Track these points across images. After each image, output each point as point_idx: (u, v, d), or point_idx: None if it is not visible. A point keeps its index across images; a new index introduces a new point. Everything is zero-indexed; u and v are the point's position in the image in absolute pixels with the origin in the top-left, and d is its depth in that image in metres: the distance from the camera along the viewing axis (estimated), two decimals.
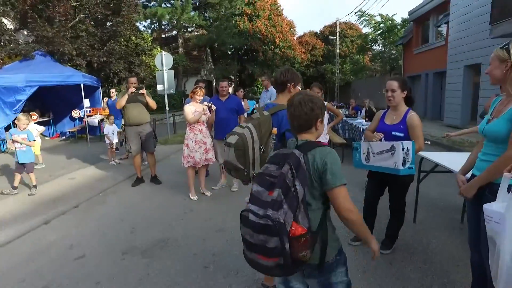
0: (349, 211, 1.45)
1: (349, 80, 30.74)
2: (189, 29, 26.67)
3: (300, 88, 2.50)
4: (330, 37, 30.87)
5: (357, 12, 22.04)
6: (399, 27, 20.56)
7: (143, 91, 5.53)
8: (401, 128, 2.70)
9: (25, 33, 11.65)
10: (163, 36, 26.58)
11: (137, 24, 20.28)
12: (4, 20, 10.84)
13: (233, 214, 4.23)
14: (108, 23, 13.18)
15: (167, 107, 11.56)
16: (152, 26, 25.82)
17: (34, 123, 7.86)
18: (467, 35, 11.74)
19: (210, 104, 4.91)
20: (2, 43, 10.39)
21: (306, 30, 48.42)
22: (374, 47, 24.46)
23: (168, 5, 23.34)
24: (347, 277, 1.61)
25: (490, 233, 1.56)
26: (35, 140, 5.77)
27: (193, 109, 4.85)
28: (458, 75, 12.58)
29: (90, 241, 3.60)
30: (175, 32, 25.51)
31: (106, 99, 8.63)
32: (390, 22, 20.66)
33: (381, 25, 20.88)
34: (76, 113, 11.38)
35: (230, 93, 5.52)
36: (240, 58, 29.33)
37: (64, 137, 11.83)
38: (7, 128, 8.46)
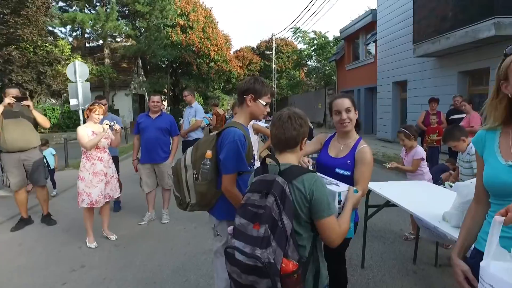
0: (337, 241, 1.37)
1: (286, 94, 31.23)
2: (118, 39, 24.70)
3: (265, 103, 1.96)
4: (266, 52, 31.19)
5: (291, 28, 22.37)
6: (331, 44, 21.28)
7: (28, 102, 4.22)
8: (347, 164, 1.96)
9: None
10: (87, 45, 24.24)
11: (55, 30, 18.14)
12: None
13: (138, 269, 3.20)
14: (11, 25, 11.15)
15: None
16: (75, 34, 23.42)
17: None
18: (393, 53, 12.20)
19: (112, 123, 3.89)
20: None
21: (243, 45, 48.80)
22: (309, 62, 25.11)
23: (93, 11, 21.29)
24: None
25: None
26: None
27: (90, 131, 3.77)
28: (387, 90, 13.01)
29: None
30: (101, 41, 23.39)
31: None
32: (323, 39, 21.31)
33: (315, 41, 21.45)
34: None
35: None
36: (174, 71, 27.93)
37: None
38: None
